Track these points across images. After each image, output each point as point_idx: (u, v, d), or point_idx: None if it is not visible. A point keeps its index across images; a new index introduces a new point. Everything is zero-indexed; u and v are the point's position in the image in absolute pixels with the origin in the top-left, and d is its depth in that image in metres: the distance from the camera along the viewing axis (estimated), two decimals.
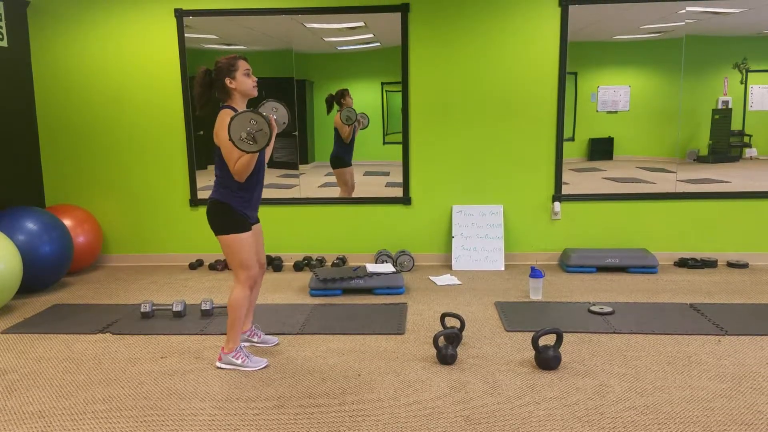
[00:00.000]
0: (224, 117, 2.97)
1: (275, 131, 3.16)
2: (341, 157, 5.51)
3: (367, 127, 5.40)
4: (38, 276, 4.60)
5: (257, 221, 3.31)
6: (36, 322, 4.05)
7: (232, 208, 3.08)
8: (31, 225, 4.59)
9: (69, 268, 4.97)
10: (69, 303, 4.47)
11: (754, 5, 4.99)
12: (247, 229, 3.13)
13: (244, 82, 3.05)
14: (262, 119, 2.83)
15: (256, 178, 3.13)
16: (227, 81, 3.03)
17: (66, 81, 5.42)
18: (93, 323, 3.97)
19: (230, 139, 2.83)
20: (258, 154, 2.95)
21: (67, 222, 5.05)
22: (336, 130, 5.43)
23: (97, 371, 3.22)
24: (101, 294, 4.71)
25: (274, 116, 3.31)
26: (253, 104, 3.24)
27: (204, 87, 3.06)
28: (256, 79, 3.12)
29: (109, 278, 5.19)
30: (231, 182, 3.06)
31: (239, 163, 2.94)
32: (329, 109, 5.37)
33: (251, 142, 2.84)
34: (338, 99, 5.36)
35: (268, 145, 2.91)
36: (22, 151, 5.34)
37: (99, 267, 5.60)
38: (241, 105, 3.09)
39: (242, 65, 3.05)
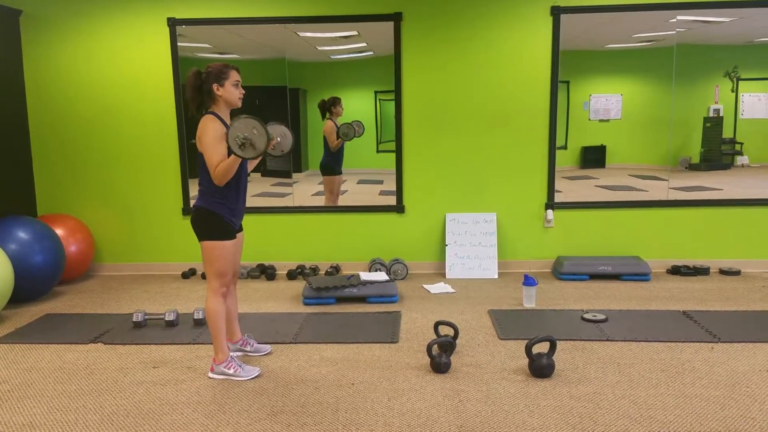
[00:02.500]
0: (207, 122, 3.01)
1: (270, 148, 3.26)
2: (330, 165, 5.51)
3: (362, 134, 5.40)
4: (30, 285, 4.57)
5: (241, 229, 3.30)
6: (27, 331, 4.02)
7: (217, 215, 3.08)
8: (22, 234, 4.57)
9: (61, 278, 4.95)
10: (61, 312, 4.44)
11: (744, 14, 5.04)
12: (231, 237, 3.14)
13: (231, 92, 3.06)
14: (263, 132, 2.86)
15: (237, 186, 3.14)
16: (214, 87, 3.03)
17: (58, 90, 5.41)
18: (85, 333, 3.95)
19: (226, 136, 2.89)
20: (241, 160, 2.98)
21: (59, 231, 5.02)
22: (324, 137, 5.44)
23: (89, 381, 3.19)
24: (93, 303, 4.68)
25: (278, 139, 3.36)
26: (236, 115, 3.25)
27: (194, 89, 3.07)
28: (244, 91, 3.15)
29: (101, 287, 5.17)
30: (215, 189, 3.06)
31: (221, 166, 2.96)
32: (323, 115, 5.38)
33: (241, 148, 2.86)
34: (330, 107, 5.37)
35: (254, 158, 2.99)
36: (14, 160, 5.31)
37: (91, 276, 5.57)
38: (224, 113, 3.10)
39: (233, 75, 3.07)
